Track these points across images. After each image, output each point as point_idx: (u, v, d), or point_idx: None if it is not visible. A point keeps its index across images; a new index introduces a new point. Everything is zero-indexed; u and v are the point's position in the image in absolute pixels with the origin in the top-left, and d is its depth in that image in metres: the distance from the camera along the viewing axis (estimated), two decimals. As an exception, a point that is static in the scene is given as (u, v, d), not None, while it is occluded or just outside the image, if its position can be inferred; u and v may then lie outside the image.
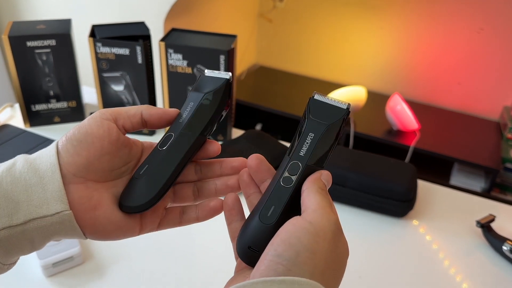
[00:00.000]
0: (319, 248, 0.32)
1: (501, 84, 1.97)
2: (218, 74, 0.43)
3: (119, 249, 0.71)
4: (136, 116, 0.40)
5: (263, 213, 0.36)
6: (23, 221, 0.35)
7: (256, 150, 0.89)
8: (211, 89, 0.42)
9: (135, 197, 0.38)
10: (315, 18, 2.18)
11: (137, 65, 0.93)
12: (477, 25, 1.90)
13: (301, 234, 0.32)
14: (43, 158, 0.37)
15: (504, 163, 1.76)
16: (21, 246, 0.35)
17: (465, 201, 0.89)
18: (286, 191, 0.37)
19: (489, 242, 0.77)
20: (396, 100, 1.79)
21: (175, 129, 0.41)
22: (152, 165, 0.39)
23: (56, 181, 0.36)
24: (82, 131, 0.37)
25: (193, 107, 0.41)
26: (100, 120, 0.38)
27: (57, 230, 0.36)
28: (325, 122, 0.40)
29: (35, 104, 0.99)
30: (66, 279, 0.66)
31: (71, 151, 0.37)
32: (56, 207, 0.35)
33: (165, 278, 0.68)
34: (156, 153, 0.40)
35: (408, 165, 0.87)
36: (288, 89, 2.20)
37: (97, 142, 0.37)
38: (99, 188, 0.38)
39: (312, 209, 0.34)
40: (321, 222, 0.33)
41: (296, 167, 0.38)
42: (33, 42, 0.92)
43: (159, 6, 1.59)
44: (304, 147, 0.39)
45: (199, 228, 0.78)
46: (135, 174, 0.39)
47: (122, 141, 0.39)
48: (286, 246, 0.31)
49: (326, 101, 0.41)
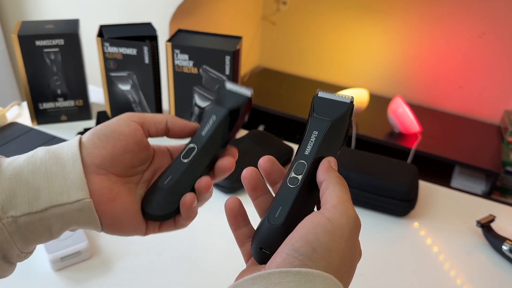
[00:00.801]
0: (335, 246, 0.32)
1: (502, 88, 1.98)
2: (240, 90, 0.44)
3: (126, 244, 0.73)
4: (162, 124, 0.42)
5: (271, 215, 0.37)
6: (43, 208, 0.35)
7: (260, 150, 0.91)
8: (234, 106, 0.43)
9: (159, 207, 0.40)
10: (318, 21, 2.20)
11: (144, 65, 0.95)
12: (479, 30, 1.91)
13: (319, 231, 0.32)
14: (64, 149, 0.38)
15: (504, 167, 1.77)
16: (40, 234, 0.36)
17: (466, 201, 0.90)
18: (292, 191, 0.37)
19: (489, 242, 0.78)
20: (398, 102, 1.81)
21: (198, 141, 0.43)
22: (175, 176, 0.41)
23: (78, 169, 0.37)
24: (109, 128, 0.39)
25: (216, 121, 0.43)
26: (128, 121, 0.40)
27: (75, 219, 0.37)
28: (328, 118, 0.39)
29: (43, 102, 1.01)
30: (74, 273, 0.67)
31: (97, 143, 0.38)
32: (77, 195, 0.36)
33: (170, 273, 0.69)
34: (179, 164, 0.42)
35: (409, 165, 0.88)
36: (291, 91, 2.21)
37: (123, 139, 0.39)
38: (118, 181, 0.39)
39: (332, 205, 0.34)
40: (339, 220, 0.33)
41: (301, 167, 0.38)
42: (41, 41, 0.94)
43: (164, 8, 1.61)
44: (308, 146, 0.39)
45: (204, 225, 0.80)
46: (160, 184, 0.41)
47: (144, 143, 0.41)
48: (303, 242, 0.32)
49: (329, 97, 0.41)
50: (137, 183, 0.42)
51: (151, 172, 0.43)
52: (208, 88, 0.95)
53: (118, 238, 0.73)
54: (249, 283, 0.31)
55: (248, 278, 0.31)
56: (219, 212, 0.82)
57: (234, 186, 0.84)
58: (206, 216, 0.81)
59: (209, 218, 0.80)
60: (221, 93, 0.45)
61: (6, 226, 0.35)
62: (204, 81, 0.94)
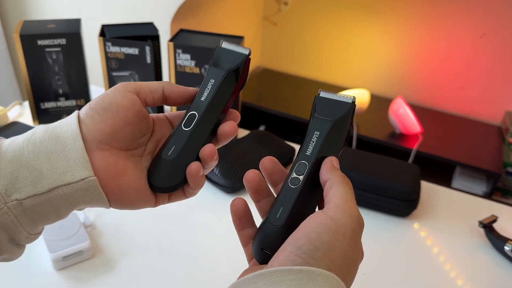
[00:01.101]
0: (338, 244, 0.32)
1: (503, 89, 1.98)
2: (236, 49, 0.42)
3: (128, 244, 0.73)
4: (158, 92, 0.41)
5: (272, 215, 0.37)
6: (48, 189, 0.35)
7: (262, 149, 0.91)
8: (232, 66, 0.41)
9: (165, 179, 0.39)
10: (319, 22, 2.20)
11: (146, 65, 0.95)
12: (479, 30, 1.91)
13: (321, 230, 0.32)
14: (63, 127, 0.37)
15: (505, 167, 1.77)
16: (47, 215, 0.36)
17: (468, 202, 0.90)
18: (293, 191, 0.37)
19: (491, 242, 0.78)
20: (399, 103, 1.81)
21: (198, 108, 0.41)
22: (179, 145, 0.39)
23: (79, 147, 0.36)
24: (106, 101, 0.38)
25: (215, 85, 0.41)
26: (124, 92, 0.39)
27: (82, 198, 0.36)
28: (330, 118, 0.39)
29: (44, 102, 1.01)
30: (76, 272, 0.67)
31: (97, 118, 0.37)
32: (81, 174, 0.35)
33: (172, 273, 0.69)
34: (181, 133, 0.40)
35: (411, 166, 0.88)
36: (292, 92, 2.21)
37: (122, 112, 0.38)
38: (122, 155, 0.38)
39: (335, 204, 0.34)
40: (342, 219, 0.33)
41: (303, 167, 0.38)
42: (43, 41, 0.94)
43: (165, 8, 1.61)
44: (310, 146, 0.39)
45: (205, 225, 0.80)
46: (163, 155, 0.39)
47: (143, 113, 0.40)
48: (306, 240, 0.32)
49: (331, 97, 0.40)
50: (141, 156, 0.41)
51: (154, 143, 0.42)
52: (210, 88, 0.95)
53: (120, 238, 0.73)
54: (250, 281, 0.31)
55: (249, 277, 0.31)
56: (220, 212, 0.82)
57: (235, 186, 0.84)
58: (207, 216, 0.81)
59: (210, 218, 0.80)
60: (217, 53, 0.42)
61: (12, 210, 0.34)
62: (206, 81, 0.94)
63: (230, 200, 0.85)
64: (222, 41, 0.43)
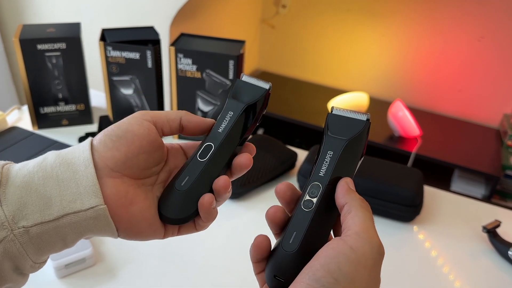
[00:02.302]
0: (358, 277, 0.31)
1: (501, 92, 1.98)
2: (257, 83, 0.42)
3: (130, 251, 0.72)
4: (175, 121, 0.40)
5: (285, 241, 0.35)
6: (56, 217, 0.34)
7: (264, 154, 0.90)
8: (251, 100, 0.41)
9: (177, 210, 0.38)
10: (318, 25, 2.20)
11: (147, 69, 0.94)
12: (477, 33, 1.91)
13: (341, 260, 0.31)
14: (76, 153, 0.36)
15: (504, 170, 1.77)
16: (53, 243, 0.35)
17: (470, 206, 0.90)
18: (307, 215, 0.36)
19: (495, 247, 0.78)
20: (398, 106, 1.81)
21: (215, 139, 0.40)
22: (192, 176, 0.39)
23: (90, 175, 0.35)
24: (122, 128, 0.37)
25: (233, 117, 0.41)
26: (141, 120, 0.38)
27: (90, 226, 0.35)
28: (343, 137, 0.37)
29: (44, 106, 1.00)
30: (78, 280, 0.67)
31: (110, 145, 0.37)
32: (91, 202, 0.35)
33: (174, 280, 0.68)
34: (196, 164, 0.39)
35: (414, 170, 0.88)
36: (290, 95, 2.21)
37: (137, 140, 0.37)
38: (133, 184, 0.38)
39: (355, 232, 0.33)
40: (363, 248, 0.32)
41: (316, 189, 0.36)
42: (43, 45, 0.93)
43: (165, 12, 1.60)
44: (323, 166, 0.37)
45: (208, 232, 0.79)
46: (176, 185, 0.39)
47: (159, 143, 0.39)
48: (325, 272, 0.30)
49: (344, 114, 0.39)
50: (153, 185, 0.40)
51: (166, 172, 0.41)
52: (211, 92, 0.94)
53: (122, 245, 0.73)
54: None
55: None
56: (223, 219, 0.82)
57: (238, 192, 0.84)
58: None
59: (212, 224, 0.79)
60: (237, 85, 0.42)
61: (18, 237, 0.33)
62: (208, 86, 0.94)
63: (232, 206, 0.85)
64: (243, 75, 0.42)
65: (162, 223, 0.39)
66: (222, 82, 0.92)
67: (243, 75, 0.43)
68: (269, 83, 0.41)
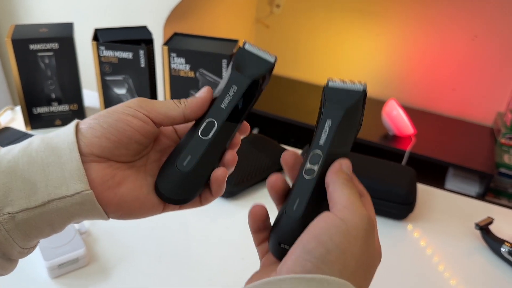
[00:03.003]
0: (350, 248, 0.31)
1: (495, 90, 1.99)
2: (262, 54, 0.40)
3: (124, 251, 0.72)
4: (178, 119, 0.38)
5: (289, 208, 0.35)
6: (42, 203, 0.33)
7: (259, 153, 0.90)
8: (257, 75, 0.39)
9: (177, 190, 0.37)
10: (312, 24, 2.20)
11: (140, 69, 0.94)
12: (471, 32, 1.92)
13: (333, 232, 0.31)
14: (60, 137, 0.35)
15: (498, 168, 1.78)
16: (41, 229, 0.34)
17: (463, 204, 0.90)
18: (309, 182, 0.36)
19: (488, 244, 0.78)
20: (392, 105, 1.81)
21: (218, 116, 0.38)
22: (195, 156, 0.37)
23: (75, 159, 0.34)
24: (114, 116, 0.36)
25: (237, 93, 0.38)
26: (137, 113, 0.37)
27: (77, 211, 0.34)
28: (341, 106, 0.38)
29: (37, 107, 1.00)
30: (71, 280, 0.66)
31: (99, 132, 0.35)
32: (76, 187, 0.34)
33: (169, 279, 0.68)
34: (198, 142, 0.37)
35: (407, 168, 0.88)
36: (285, 94, 2.21)
37: (129, 131, 0.36)
38: (121, 167, 0.37)
39: (342, 205, 0.33)
40: (353, 220, 0.31)
41: (317, 157, 0.37)
42: (36, 45, 0.93)
43: (158, 11, 1.60)
44: (323, 135, 0.37)
45: (201, 230, 0.79)
46: (178, 165, 0.37)
47: (154, 134, 0.38)
48: (317, 243, 0.30)
49: (340, 85, 0.39)
50: (144, 165, 0.39)
51: (158, 152, 0.40)
52: (204, 91, 0.94)
53: (116, 244, 0.73)
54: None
55: (256, 285, 0.30)
56: (217, 217, 0.82)
57: (232, 191, 0.84)
58: (203, 221, 0.80)
59: (206, 222, 0.79)
60: (241, 55, 0.39)
61: (3, 224, 0.33)
62: (201, 85, 0.94)
63: (226, 205, 0.84)
64: (246, 42, 0.40)
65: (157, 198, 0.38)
66: (215, 81, 0.92)
67: (245, 42, 0.40)
68: (274, 56, 0.40)
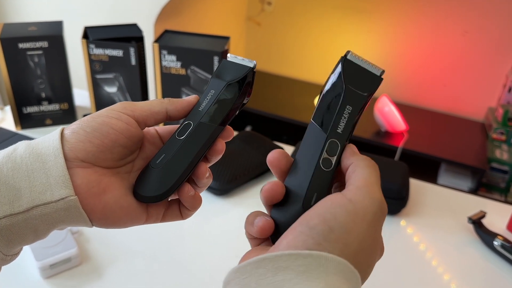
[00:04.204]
0: (355, 228, 0.29)
1: (486, 85, 2.01)
2: (241, 61, 0.41)
3: (117, 250, 0.71)
4: (161, 114, 0.39)
5: (306, 203, 0.33)
6: (26, 209, 0.33)
7: (251, 150, 0.90)
8: (234, 78, 0.40)
9: (151, 187, 0.37)
10: (303, 21, 2.20)
11: (131, 67, 0.93)
12: (462, 28, 1.93)
13: (338, 211, 0.30)
14: (45, 143, 0.35)
15: (490, 163, 1.79)
16: (24, 235, 0.34)
17: (455, 198, 0.91)
18: (327, 175, 0.33)
19: (481, 238, 0.78)
20: (384, 101, 1.82)
21: (194, 117, 0.39)
22: (168, 154, 0.38)
23: (60, 165, 0.34)
24: (98, 120, 0.36)
25: (214, 95, 0.40)
26: (120, 114, 0.37)
27: (62, 217, 0.34)
28: (363, 93, 0.35)
29: (27, 106, 0.99)
30: (64, 280, 0.66)
31: (83, 137, 0.35)
32: (61, 193, 0.34)
33: (162, 278, 0.68)
34: (173, 142, 0.38)
35: (399, 163, 0.89)
36: (278, 92, 2.21)
37: (113, 134, 0.36)
38: (107, 173, 0.36)
39: (356, 186, 0.31)
40: (363, 201, 0.30)
41: (335, 147, 0.34)
42: (25, 44, 0.92)
43: (149, 9, 1.59)
44: (341, 122, 0.34)
45: (194, 228, 0.79)
46: (152, 163, 0.38)
47: (138, 136, 0.38)
48: (320, 220, 0.29)
49: (360, 64, 0.37)
50: (129, 172, 0.39)
51: (143, 160, 0.40)
52: (196, 89, 0.94)
53: (108, 243, 0.72)
54: (253, 266, 0.29)
55: (252, 261, 0.29)
56: (210, 215, 0.82)
57: (224, 188, 0.84)
58: (196, 219, 0.80)
59: (199, 220, 0.79)
60: (222, 65, 0.41)
61: None
62: (193, 82, 0.93)
63: (219, 202, 0.84)
64: (229, 55, 0.41)
65: (141, 207, 0.38)
66: (207, 78, 0.92)
67: (229, 55, 0.41)
68: (253, 62, 0.40)
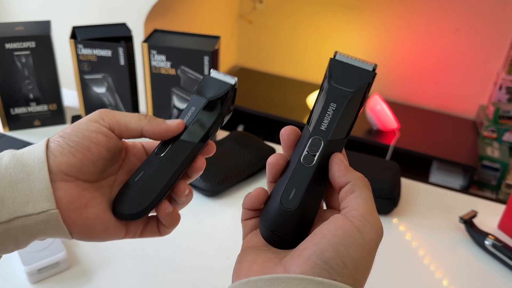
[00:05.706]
0: (363, 263, 0.31)
1: (477, 83, 2.01)
2: (223, 78, 0.40)
3: (106, 253, 0.70)
4: (135, 131, 0.39)
5: (284, 197, 0.34)
6: (7, 219, 0.33)
7: (242, 150, 0.89)
8: (215, 95, 0.40)
9: (129, 205, 0.37)
10: (295, 19, 2.19)
11: (120, 67, 0.92)
12: (453, 26, 1.94)
13: (349, 244, 0.30)
14: (31, 154, 0.35)
15: (481, 161, 1.80)
16: (4, 244, 0.34)
17: (447, 197, 0.91)
18: (307, 171, 0.34)
19: (472, 237, 0.78)
20: (376, 100, 1.82)
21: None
22: (147, 172, 0.38)
23: (44, 178, 0.34)
24: (79, 134, 0.36)
25: (194, 112, 0.39)
26: (99, 127, 0.37)
27: (42, 229, 0.35)
28: (349, 89, 0.35)
29: (15, 107, 0.97)
30: (52, 285, 0.65)
31: (66, 150, 0.36)
32: (43, 206, 0.34)
33: (152, 280, 0.67)
34: (152, 159, 0.38)
35: (391, 163, 0.88)
36: (269, 90, 2.21)
37: (94, 147, 0.36)
38: (89, 187, 0.37)
39: (361, 214, 0.32)
40: (369, 234, 0.31)
41: (317, 144, 0.34)
42: (12, 44, 0.91)
43: (139, 8, 1.58)
44: (325, 119, 0.35)
45: (185, 230, 0.78)
46: (130, 180, 0.38)
47: (118, 148, 0.38)
48: (335, 254, 0.30)
49: (349, 61, 0.36)
50: (111, 186, 0.39)
51: (126, 173, 0.40)
52: (186, 89, 0.93)
53: (97, 246, 0.71)
54: (264, 283, 0.30)
55: (264, 279, 0.30)
56: (201, 216, 0.81)
57: (216, 189, 0.83)
58: (187, 220, 0.79)
59: (190, 222, 0.78)
60: (204, 81, 0.41)
61: None
62: (183, 82, 0.92)
63: (210, 203, 0.83)
64: (212, 70, 0.41)
65: (120, 223, 0.38)
66: (197, 78, 0.91)
67: (212, 70, 0.41)
68: (235, 78, 0.40)
